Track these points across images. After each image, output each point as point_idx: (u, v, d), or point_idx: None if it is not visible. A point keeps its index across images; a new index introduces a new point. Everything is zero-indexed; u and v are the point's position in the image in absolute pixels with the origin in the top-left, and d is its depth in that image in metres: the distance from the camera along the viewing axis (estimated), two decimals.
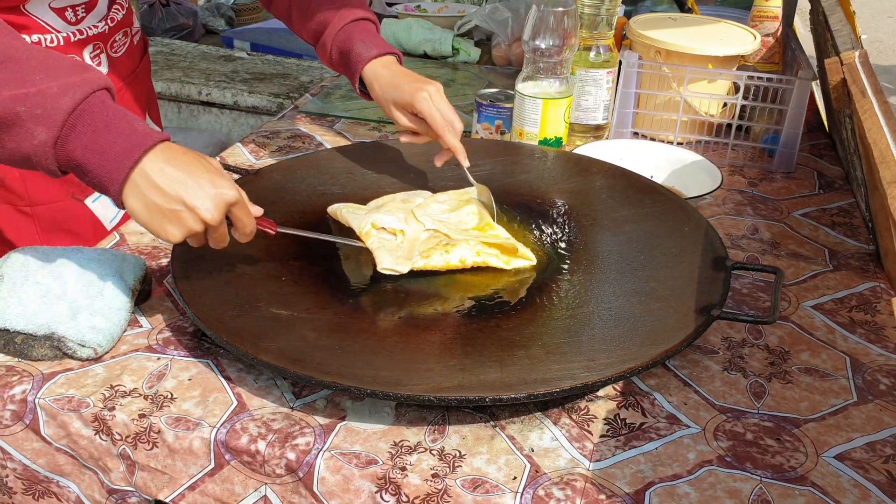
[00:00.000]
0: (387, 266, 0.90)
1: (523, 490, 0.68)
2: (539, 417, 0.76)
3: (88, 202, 1.15)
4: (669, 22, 1.43)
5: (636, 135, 1.37)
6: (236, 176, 1.10)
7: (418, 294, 0.90)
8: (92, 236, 1.13)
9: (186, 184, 0.74)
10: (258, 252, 0.93)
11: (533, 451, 0.72)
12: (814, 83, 1.27)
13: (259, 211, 0.83)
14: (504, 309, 0.87)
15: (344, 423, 0.75)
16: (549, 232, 1.02)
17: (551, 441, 0.74)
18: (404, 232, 0.95)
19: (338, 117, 1.43)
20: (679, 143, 1.33)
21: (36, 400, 0.77)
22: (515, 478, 0.69)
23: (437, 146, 1.07)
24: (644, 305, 0.86)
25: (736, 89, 1.30)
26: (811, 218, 1.15)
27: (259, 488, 0.74)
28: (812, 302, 0.96)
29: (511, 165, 1.16)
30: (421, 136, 1.09)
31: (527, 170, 1.16)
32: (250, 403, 0.77)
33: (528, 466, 0.71)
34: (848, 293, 0.98)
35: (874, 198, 1.02)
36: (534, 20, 1.20)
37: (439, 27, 1.78)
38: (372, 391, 0.71)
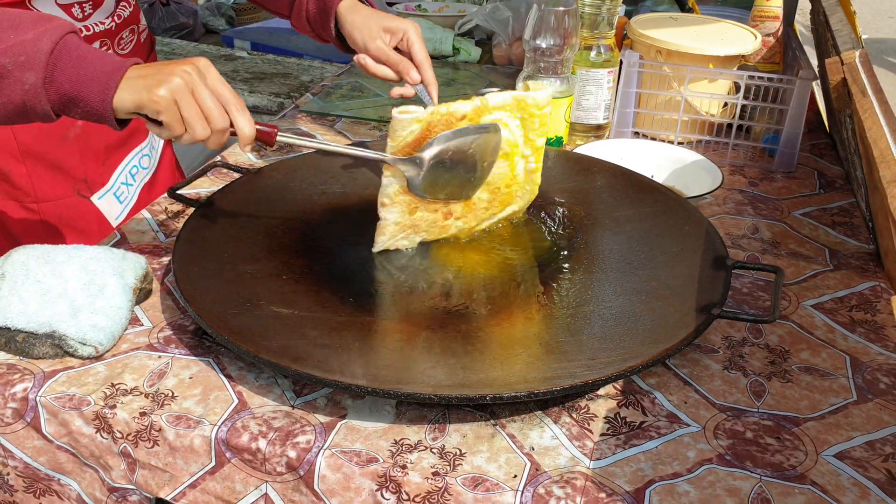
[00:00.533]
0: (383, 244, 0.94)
1: (523, 488, 0.68)
2: (539, 416, 0.76)
3: (94, 199, 1.15)
4: (670, 21, 1.43)
5: (637, 134, 1.37)
6: (237, 175, 1.10)
7: (419, 292, 0.90)
8: (97, 233, 1.13)
9: (166, 63, 0.81)
10: (259, 251, 0.93)
11: (533, 450, 0.72)
12: (814, 83, 1.27)
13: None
14: (505, 307, 0.87)
15: (344, 422, 0.75)
16: (550, 231, 1.02)
17: (552, 439, 0.74)
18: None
19: (338, 117, 1.43)
20: (680, 143, 1.33)
21: (37, 398, 0.77)
22: (516, 476, 0.69)
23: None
24: (644, 304, 0.86)
25: (736, 89, 1.31)
26: (811, 217, 1.15)
27: (260, 486, 0.74)
28: (812, 301, 0.96)
29: None
30: (385, 72, 1.10)
31: None
32: (251, 402, 0.77)
33: (529, 465, 0.71)
34: (848, 293, 0.98)
35: (874, 197, 1.02)
36: (535, 20, 1.20)
37: (440, 27, 1.78)
38: (372, 389, 0.71)
